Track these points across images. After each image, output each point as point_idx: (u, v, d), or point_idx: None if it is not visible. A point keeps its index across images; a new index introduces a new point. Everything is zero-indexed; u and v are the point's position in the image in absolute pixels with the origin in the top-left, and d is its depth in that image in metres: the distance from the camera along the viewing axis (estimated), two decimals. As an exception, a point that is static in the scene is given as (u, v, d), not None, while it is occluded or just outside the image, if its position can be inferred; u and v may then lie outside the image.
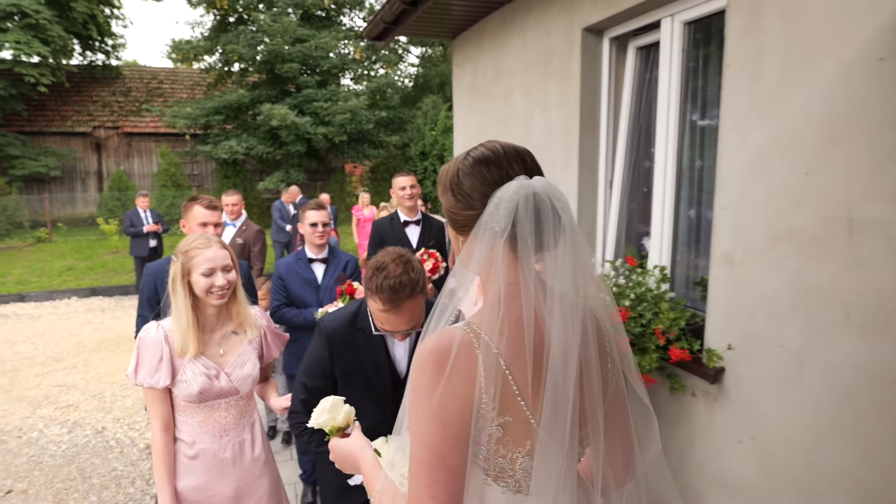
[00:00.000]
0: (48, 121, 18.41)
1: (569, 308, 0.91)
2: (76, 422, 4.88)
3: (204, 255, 1.93)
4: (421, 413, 0.90)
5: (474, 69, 4.81)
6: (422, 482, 0.89)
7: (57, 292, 9.85)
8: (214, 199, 2.93)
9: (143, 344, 1.94)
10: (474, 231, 0.94)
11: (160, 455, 1.99)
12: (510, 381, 0.90)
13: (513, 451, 0.93)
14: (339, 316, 1.96)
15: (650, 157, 3.36)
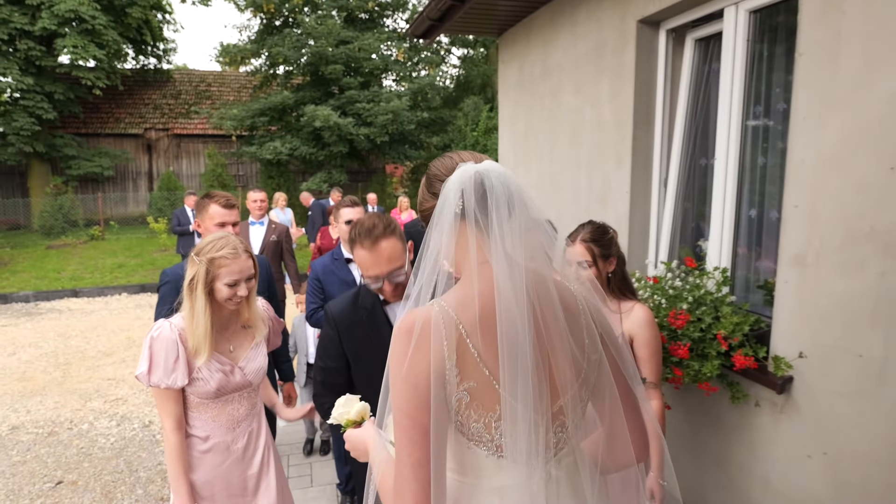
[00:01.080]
0: (103, 123, 19.36)
1: (518, 275, 0.97)
2: (124, 415, 5.07)
3: (231, 268, 1.92)
4: (395, 381, 1.00)
5: (521, 66, 4.75)
6: (402, 442, 0.98)
7: (108, 288, 10.30)
8: (231, 197, 2.80)
9: (157, 344, 1.92)
10: (432, 218, 1.04)
11: (175, 453, 1.99)
12: (470, 348, 0.99)
13: (484, 416, 1.00)
14: (341, 299, 2.10)
15: (708, 154, 3.23)
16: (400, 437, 0.99)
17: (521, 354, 0.96)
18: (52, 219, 15.79)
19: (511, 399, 0.97)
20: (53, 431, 4.75)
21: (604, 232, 2.24)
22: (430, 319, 1.00)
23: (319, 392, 2.08)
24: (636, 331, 2.18)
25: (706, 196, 3.27)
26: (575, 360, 1.04)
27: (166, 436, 2.00)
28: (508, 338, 0.96)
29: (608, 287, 2.22)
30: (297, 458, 4.19)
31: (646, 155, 3.37)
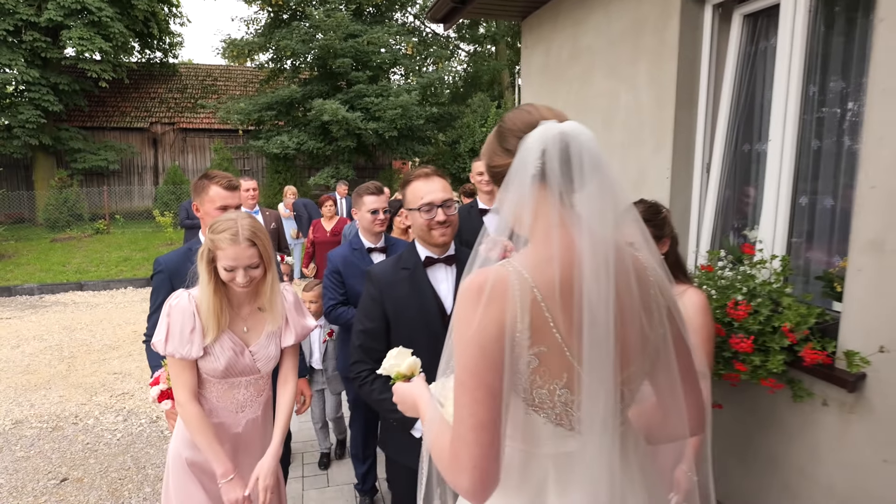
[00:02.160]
0: (108, 116, 19.24)
1: (601, 244, 0.94)
2: (131, 410, 4.90)
3: (227, 252, 1.84)
4: (462, 339, 0.97)
5: (547, 50, 4.56)
6: (463, 401, 0.96)
7: (114, 282, 10.15)
8: (233, 178, 2.55)
9: (175, 313, 1.89)
10: (507, 176, 0.99)
11: (198, 422, 1.92)
12: (545, 311, 0.95)
13: (550, 383, 0.98)
14: (385, 261, 2.15)
15: (753, 138, 3.05)
16: (462, 396, 0.96)
17: (599, 326, 0.93)
18: (57, 212, 15.67)
19: (583, 370, 0.95)
20: (58, 426, 4.59)
21: (656, 211, 2.11)
22: (504, 278, 0.96)
23: (358, 358, 2.02)
24: (688, 316, 2.00)
25: (752, 182, 3.09)
26: (643, 332, 1.01)
27: (184, 409, 1.93)
28: (588, 308, 0.93)
29: None
30: (313, 455, 4.01)
31: (688, 139, 3.18)
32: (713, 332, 2.08)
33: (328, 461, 3.93)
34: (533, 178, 0.96)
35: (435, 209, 1.95)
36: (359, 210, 3.17)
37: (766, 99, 2.99)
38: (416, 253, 2.06)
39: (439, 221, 1.95)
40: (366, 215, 3.13)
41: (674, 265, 2.11)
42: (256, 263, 1.89)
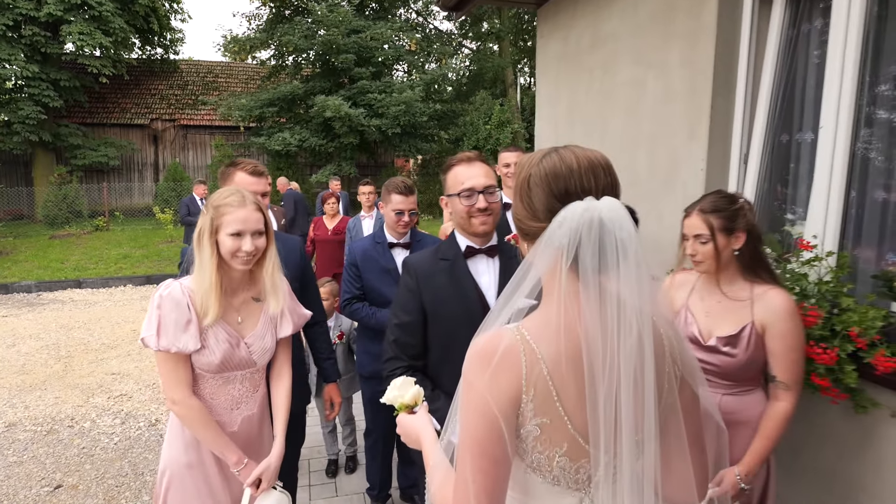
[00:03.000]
0: (108, 113, 19.02)
1: (631, 317, 0.92)
2: (129, 412, 4.69)
3: (235, 215, 1.76)
4: (468, 404, 0.97)
5: (565, 38, 4.33)
6: (467, 466, 0.96)
7: (113, 279, 9.94)
8: (258, 164, 2.48)
9: (167, 304, 1.74)
10: (538, 242, 0.97)
11: (200, 414, 1.80)
12: (550, 385, 0.96)
13: (549, 450, 0.98)
14: (422, 252, 2.04)
15: (793, 128, 2.83)
16: (466, 459, 0.96)
17: (606, 405, 0.92)
18: (56, 209, 15.46)
19: (580, 437, 0.96)
20: (53, 429, 4.38)
21: (730, 201, 1.93)
22: (514, 350, 0.96)
23: (392, 355, 1.92)
24: (770, 320, 1.84)
25: (794, 175, 2.88)
26: (658, 393, 0.99)
27: (183, 405, 1.79)
28: (594, 389, 0.92)
29: (737, 266, 1.94)
30: (320, 462, 3.80)
31: (725, 127, 2.96)
32: (802, 338, 1.86)
33: (336, 468, 3.72)
34: (565, 258, 0.94)
35: (476, 195, 1.83)
36: (385, 205, 3.00)
37: (808, 85, 2.79)
38: (455, 243, 1.95)
39: (480, 208, 1.83)
40: (390, 214, 2.97)
41: (750, 262, 1.92)
42: (262, 230, 1.83)
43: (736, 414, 1.93)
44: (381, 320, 2.87)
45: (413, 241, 3.04)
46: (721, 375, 1.97)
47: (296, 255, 2.63)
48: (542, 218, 0.99)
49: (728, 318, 1.93)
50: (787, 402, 1.85)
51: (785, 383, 1.84)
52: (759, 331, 1.87)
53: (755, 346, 1.86)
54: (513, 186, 1.08)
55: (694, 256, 1.97)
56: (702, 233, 1.91)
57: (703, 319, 2.02)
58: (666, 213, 3.18)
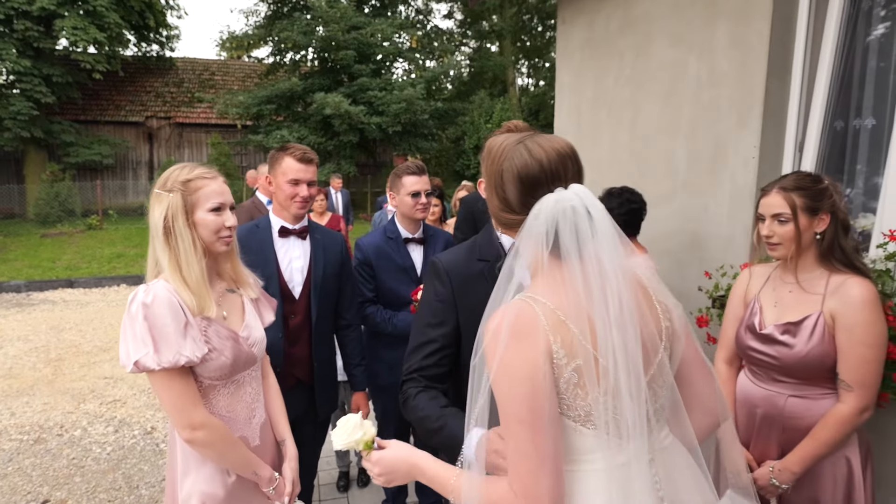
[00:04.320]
0: (102, 110, 18.66)
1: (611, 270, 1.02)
2: (123, 420, 4.40)
3: (212, 187, 1.56)
4: (503, 378, 1.00)
5: (590, 22, 4.09)
6: (524, 437, 0.98)
7: (106, 279, 9.63)
8: (309, 150, 2.30)
9: (156, 309, 1.44)
10: (520, 234, 1.07)
11: (226, 435, 1.55)
12: (571, 327, 1.02)
13: (593, 392, 1.01)
14: (454, 250, 1.65)
15: (850, 114, 2.60)
16: (522, 432, 0.98)
17: (616, 314, 1.00)
18: (48, 207, 15.10)
19: (612, 370, 1.00)
20: (41, 438, 4.08)
21: (815, 180, 1.77)
22: (528, 310, 1.02)
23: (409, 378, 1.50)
24: (842, 310, 1.65)
25: (856, 163, 2.64)
26: (656, 325, 1.10)
27: (205, 429, 1.50)
28: (605, 302, 1.00)
29: (816, 253, 1.77)
30: (330, 475, 3.52)
31: (779, 112, 2.72)
32: (884, 333, 1.64)
33: (347, 482, 3.45)
34: (545, 244, 1.03)
35: None
36: (397, 193, 2.71)
37: (869, 68, 2.56)
38: (495, 239, 1.58)
39: None
40: (406, 199, 2.67)
41: (832, 249, 1.74)
42: (235, 206, 1.65)
43: (801, 419, 1.74)
44: (398, 326, 2.61)
45: (426, 235, 2.80)
46: (782, 371, 1.77)
47: (337, 250, 2.41)
48: (518, 210, 1.09)
49: (797, 308, 1.77)
50: (846, 405, 1.65)
51: (847, 383, 1.64)
52: (828, 321, 1.69)
53: (821, 338, 1.68)
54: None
55: (770, 239, 1.79)
56: (782, 211, 1.75)
57: (770, 310, 1.86)
58: (711, 205, 2.93)
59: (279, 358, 2.15)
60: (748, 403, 1.89)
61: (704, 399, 1.17)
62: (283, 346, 2.23)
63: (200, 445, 1.52)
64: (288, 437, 1.83)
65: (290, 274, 2.30)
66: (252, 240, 2.23)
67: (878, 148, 2.57)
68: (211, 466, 1.58)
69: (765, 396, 1.83)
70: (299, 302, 2.30)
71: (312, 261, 2.33)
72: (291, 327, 2.28)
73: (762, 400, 1.83)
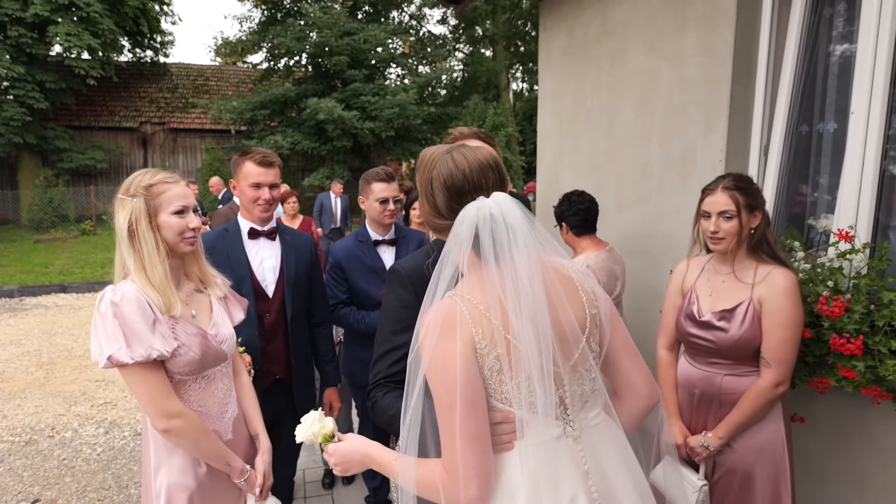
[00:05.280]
0: (96, 115, 18.73)
1: (525, 268, 1.12)
2: (114, 421, 4.47)
3: (174, 191, 1.64)
4: (434, 367, 1.11)
5: (570, 30, 4.20)
6: (450, 420, 1.08)
7: (100, 283, 9.69)
8: (270, 153, 2.35)
9: (125, 307, 1.50)
10: (449, 238, 1.18)
11: (200, 425, 1.62)
12: (491, 319, 1.12)
13: (515, 377, 1.11)
14: (413, 257, 1.63)
15: (816, 116, 2.71)
16: (448, 416, 1.07)
17: (528, 308, 1.09)
18: (42, 212, 15.14)
19: (530, 356, 1.08)
20: (32, 440, 4.15)
21: (749, 181, 2.00)
22: (454, 306, 1.13)
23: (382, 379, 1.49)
24: (766, 297, 1.87)
25: (817, 166, 2.75)
26: (577, 315, 1.18)
27: (179, 419, 1.57)
28: (518, 298, 1.10)
29: (747, 247, 1.98)
30: (315, 472, 3.60)
31: (744, 117, 2.83)
32: (800, 318, 1.87)
33: (333, 479, 3.52)
34: (467, 246, 1.14)
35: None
36: (366, 198, 2.82)
37: (830, 74, 2.67)
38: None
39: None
40: (374, 205, 2.77)
41: (760, 243, 1.96)
42: (197, 208, 1.71)
43: (734, 395, 1.96)
44: (370, 325, 2.70)
45: (398, 236, 2.89)
46: (718, 353, 1.99)
47: (306, 250, 2.49)
48: (446, 216, 1.20)
49: (730, 296, 1.97)
50: (763, 380, 1.87)
51: (767, 360, 1.84)
52: (756, 307, 1.89)
53: (751, 322, 1.88)
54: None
55: (716, 234, 1.97)
56: (728, 209, 1.92)
57: (706, 299, 2.06)
58: (682, 207, 3.03)
59: (256, 355, 2.23)
60: (688, 384, 2.10)
61: (634, 381, 1.26)
62: (260, 343, 2.31)
63: (176, 435, 1.58)
64: (261, 432, 1.90)
65: (262, 273, 2.37)
66: (222, 243, 2.29)
67: (840, 151, 2.68)
68: (182, 458, 1.65)
69: (703, 377, 2.03)
70: (273, 300, 2.37)
71: (284, 260, 2.40)
72: (267, 325, 2.35)
73: (700, 380, 2.04)
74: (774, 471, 1.93)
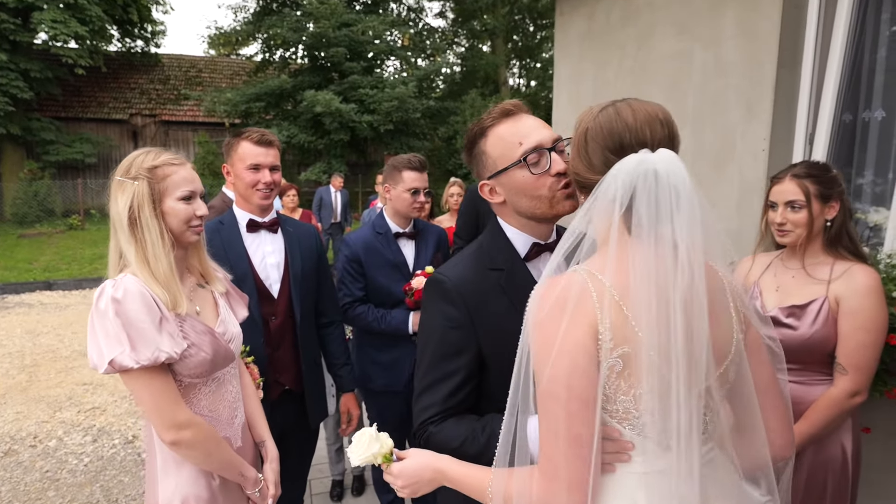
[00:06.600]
0: (84, 107, 18.44)
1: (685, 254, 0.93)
2: (102, 428, 4.26)
3: (181, 174, 1.48)
4: (547, 352, 0.95)
5: (590, 14, 4.03)
6: (557, 415, 0.94)
7: (87, 280, 9.46)
8: (268, 133, 2.15)
9: (129, 304, 1.34)
10: (593, 194, 1.01)
11: (212, 434, 1.48)
12: (624, 311, 0.95)
13: (635, 388, 0.96)
14: (458, 263, 1.34)
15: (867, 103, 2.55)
16: (555, 410, 0.94)
17: (680, 304, 0.92)
18: (26, 206, 14.88)
19: (663, 367, 0.92)
20: (12, 450, 3.94)
21: (825, 168, 1.83)
22: (580, 283, 0.97)
23: (437, 415, 1.25)
24: (845, 295, 1.71)
25: (867, 156, 2.60)
26: (722, 339, 1.02)
27: (194, 428, 1.43)
28: (666, 301, 0.93)
29: (823, 241, 1.82)
30: (322, 483, 3.42)
31: (790, 104, 2.67)
32: (885, 321, 1.70)
33: (342, 490, 3.34)
34: (618, 208, 0.96)
35: (549, 152, 1.26)
36: (394, 186, 2.60)
37: (879, 58, 2.51)
38: (506, 240, 1.33)
39: (560, 172, 1.25)
40: (403, 195, 2.56)
41: (838, 237, 1.80)
42: (205, 193, 1.58)
43: (798, 405, 1.75)
44: (392, 324, 2.51)
45: (417, 230, 2.68)
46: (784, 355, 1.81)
47: (312, 243, 2.29)
48: (599, 171, 1.03)
49: (801, 292, 1.82)
50: (838, 388, 1.71)
51: (843, 366, 1.69)
52: (832, 306, 1.74)
53: (824, 321, 1.73)
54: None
55: (783, 226, 1.83)
56: (796, 198, 1.79)
57: (770, 294, 1.90)
58: (718, 200, 2.86)
59: (262, 364, 2.04)
60: None
61: (768, 425, 1.08)
62: (266, 351, 2.10)
63: (186, 447, 1.43)
64: (268, 438, 1.76)
65: (265, 271, 2.16)
66: (218, 238, 2.06)
67: (889, 141, 2.52)
68: (191, 468, 1.49)
69: None
70: (279, 301, 2.16)
71: (288, 255, 2.19)
72: (273, 330, 2.14)
73: None
74: (842, 489, 1.78)
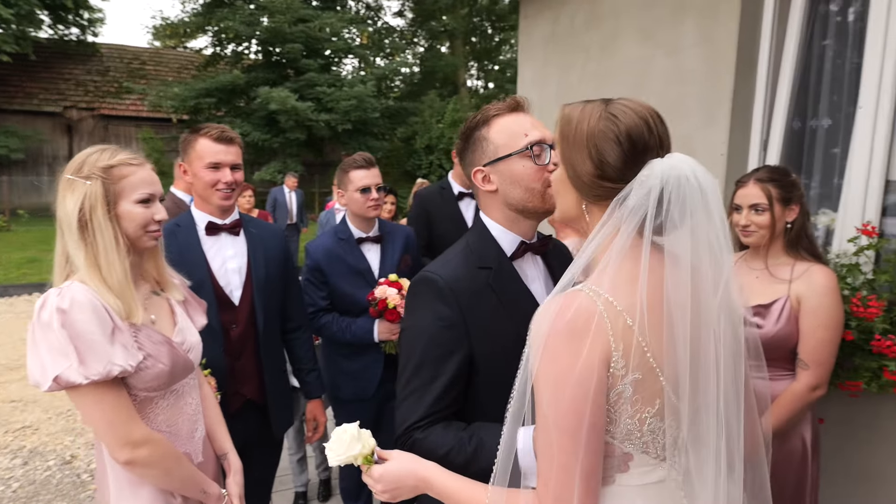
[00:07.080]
0: (10, 97, 17.60)
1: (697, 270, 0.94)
2: (35, 449, 4.05)
3: (140, 176, 1.43)
4: (556, 381, 0.93)
5: (554, 17, 4.13)
6: (563, 447, 0.92)
7: (15, 287, 8.99)
8: (228, 129, 2.08)
9: (76, 315, 1.27)
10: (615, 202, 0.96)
11: (171, 450, 1.44)
12: (637, 336, 0.93)
13: (641, 412, 0.96)
14: (447, 261, 1.36)
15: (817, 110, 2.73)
16: (562, 443, 0.92)
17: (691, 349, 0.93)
18: (-55, 206, 14.01)
19: (673, 393, 0.95)
20: (-68, 472, 3.70)
21: (785, 173, 1.98)
22: (587, 306, 0.94)
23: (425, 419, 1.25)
24: (806, 295, 1.85)
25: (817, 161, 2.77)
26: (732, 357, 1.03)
27: (152, 444, 1.39)
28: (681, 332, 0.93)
29: (783, 242, 1.97)
30: (284, 496, 3.36)
31: (745, 110, 2.83)
32: (841, 318, 1.86)
33: (305, 502, 3.30)
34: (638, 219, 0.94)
35: (548, 151, 1.29)
36: (345, 190, 2.60)
37: (825, 69, 2.69)
38: (492, 239, 1.36)
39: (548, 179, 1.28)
40: (355, 196, 2.55)
41: (798, 238, 1.94)
42: (164, 195, 1.52)
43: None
44: (357, 333, 2.51)
45: (383, 233, 2.67)
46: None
47: (277, 245, 2.24)
48: (616, 177, 0.97)
49: (764, 291, 1.95)
50: (800, 383, 1.84)
51: (805, 361, 1.83)
52: (794, 304, 1.87)
53: (787, 320, 1.86)
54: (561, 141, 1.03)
55: (747, 227, 1.97)
56: (760, 202, 1.93)
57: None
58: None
59: (221, 375, 1.99)
60: None
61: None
62: (226, 361, 2.04)
63: (143, 466, 1.38)
64: (230, 450, 1.72)
65: (225, 277, 2.09)
66: (174, 242, 1.98)
67: (834, 147, 2.70)
68: (150, 488, 1.44)
69: None
70: (240, 308, 2.10)
71: (251, 259, 2.14)
72: (233, 339, 2.08)
73: None
74: (802, 478, 1.91)
